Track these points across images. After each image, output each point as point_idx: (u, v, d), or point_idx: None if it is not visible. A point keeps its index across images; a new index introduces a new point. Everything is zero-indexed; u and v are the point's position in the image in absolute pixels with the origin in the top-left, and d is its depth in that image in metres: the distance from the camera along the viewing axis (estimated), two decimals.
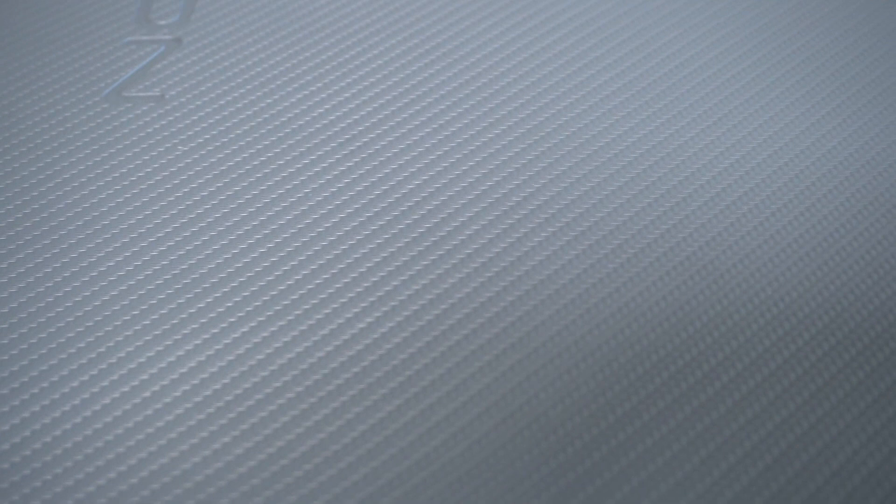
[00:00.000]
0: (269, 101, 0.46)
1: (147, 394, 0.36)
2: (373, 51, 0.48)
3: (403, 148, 0.44)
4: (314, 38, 0.49)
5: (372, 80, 0.47)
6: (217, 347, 0.37)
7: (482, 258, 0.40)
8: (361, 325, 0.38)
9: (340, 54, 0.48)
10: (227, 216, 0.41)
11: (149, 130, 0.45)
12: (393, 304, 0.38)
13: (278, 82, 0.47)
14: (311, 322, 0.38)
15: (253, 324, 0.38)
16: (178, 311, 0.38)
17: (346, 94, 0.46)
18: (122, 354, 0.37)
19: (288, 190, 0.42)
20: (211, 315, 0.38)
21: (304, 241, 0.41)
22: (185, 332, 0.38)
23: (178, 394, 0.36)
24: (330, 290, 0.39)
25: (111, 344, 0.37)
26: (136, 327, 0.38)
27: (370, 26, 0.49)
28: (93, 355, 0.37)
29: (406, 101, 0.46)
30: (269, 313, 0.38)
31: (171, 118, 0.45)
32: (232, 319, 0.38)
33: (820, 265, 0.39)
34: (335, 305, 0.38)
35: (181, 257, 0.40)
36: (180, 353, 0.37)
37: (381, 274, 0.39)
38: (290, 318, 0.38)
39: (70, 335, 0.38)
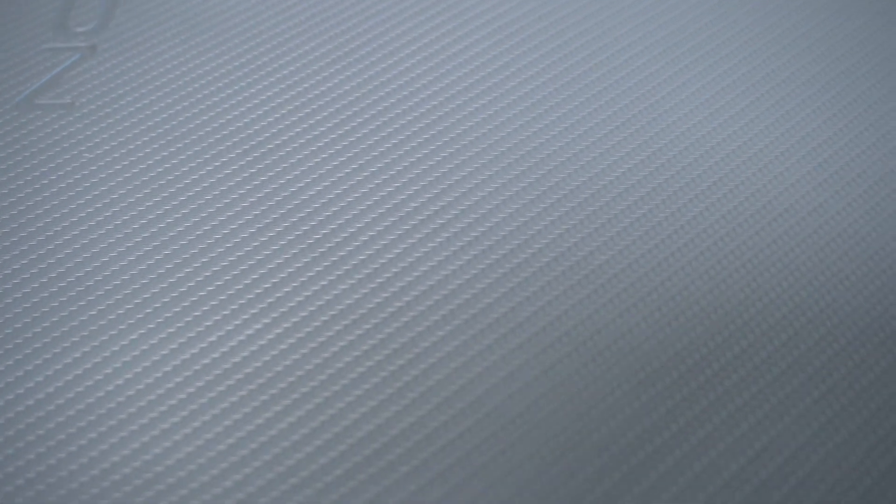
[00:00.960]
0: (177, 108, 0.46)
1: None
2: (286, 57, 0.48)
3: (313, 152, 0.44)
4: (226, 47, 0.49)
5: (284, 85, 0.47)
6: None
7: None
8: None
9: (252, 61, 0.48)
10: (129, 223, 0.42)
11: (56, 138, 0.45)
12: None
13: (188, 90, 0.47)
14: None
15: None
16: (79, 313, 0.39)
17: (258, 100, 0.46)
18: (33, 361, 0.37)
19: (191, 196, 0.43)
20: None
21: (209, 243, 0.41)
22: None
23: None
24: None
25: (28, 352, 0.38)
26: (46, 339, 0.38)
27: (285, 33, 0.50)
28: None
29: (318, 105, 0.46)
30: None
31: (79, 125, 0.45)
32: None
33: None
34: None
35: (81, 263, 0.40)
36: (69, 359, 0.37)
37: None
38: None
39: None
